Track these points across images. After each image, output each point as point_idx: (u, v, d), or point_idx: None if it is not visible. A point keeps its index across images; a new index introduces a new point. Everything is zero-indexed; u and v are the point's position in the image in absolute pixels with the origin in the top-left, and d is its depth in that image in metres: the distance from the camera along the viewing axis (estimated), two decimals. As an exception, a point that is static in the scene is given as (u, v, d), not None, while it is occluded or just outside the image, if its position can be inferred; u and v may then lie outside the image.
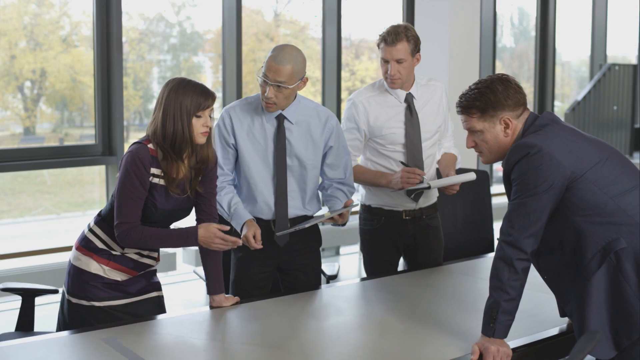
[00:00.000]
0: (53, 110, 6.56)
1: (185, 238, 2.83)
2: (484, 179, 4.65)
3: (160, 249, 3.02)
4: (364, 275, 3.92)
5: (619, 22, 10.08)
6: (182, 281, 6.40)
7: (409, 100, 3.65)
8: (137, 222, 2.81)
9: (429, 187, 3.51)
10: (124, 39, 5.53)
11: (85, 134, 6.11)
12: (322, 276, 3.67)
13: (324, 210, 3.46)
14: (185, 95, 2.78)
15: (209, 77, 7.34)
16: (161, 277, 6.15)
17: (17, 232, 8.43)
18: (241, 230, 3.16)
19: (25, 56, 5.87)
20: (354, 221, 4.94)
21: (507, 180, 2.62)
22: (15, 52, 5.80)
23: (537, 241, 2.53)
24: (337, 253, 7.83)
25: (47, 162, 5.50)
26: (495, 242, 4.73)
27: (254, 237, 3.10)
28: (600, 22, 9.78)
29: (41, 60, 5.97)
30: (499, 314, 2.51)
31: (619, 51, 10.73)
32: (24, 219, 8.95)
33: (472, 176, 3.58)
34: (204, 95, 2.81)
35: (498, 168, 8.61)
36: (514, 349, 2.57)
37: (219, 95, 6.40)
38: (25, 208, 9.03)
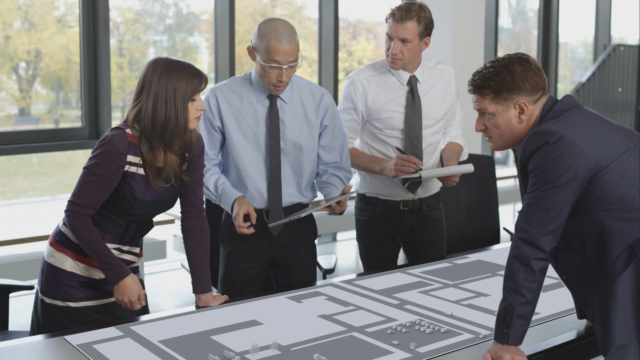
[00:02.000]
0: (48, 91, 6.67)
1: (110, 271, 2.61)
2: (488, 164, 4.44)
3: (144, 242, 2.83)
4: (362, 265, 3.74)
5: (621, 3, 9.91)
6: (172, 269, 6.21)
7: (412, 83, 3.42)
8: (90, 210, 2.59)
9: (420, 177, 3.27)
10: (119, 20, 5.46)
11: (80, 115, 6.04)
12: (318, 269, 3.46)
13: (320, 198, 3.24)
14: (179, 79, 2.55)
15: (205, 58, 7.37)
16: (150, 265, 6.14)
17: (8, 216, 8.32)
18: (232, 211, 2.96)
19: (20, 37, 5.87)
20: (351, 206, 4.76)
21: (523, 171, 2.39)
22: (9, 33, 5.79)
23: (557, 239, 2.31)
24: (334, 239, 7.68)
25: (32, 145, 5.42)
26: (502, 232, 4.62)
27: (248, 216, 2.92)
28: (605, 2, 9.60)
29: (36, 41, 5.98)
30: (513, 319, 2.29)
31: (620, 32, 10.60)
32: (18, 201, 8.87)
33: (469, 168, 3.36)
34: (199, 77, 2.60)
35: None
36: (529, 357, 2.34)
37: (211, 77, 6.39)
38: (20, 190, 8.96)
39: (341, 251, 7.30)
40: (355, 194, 3.12)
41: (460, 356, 2.36)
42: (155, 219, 2.83)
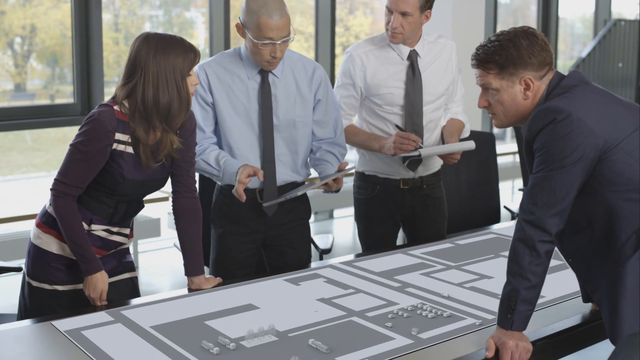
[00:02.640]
0: (44, 66, 6.61)
1: (82, 263, 2.51)
2: (489, 141, 4.35)
3: (137, 220, 2.70)
4: (360, 244, 3.64)
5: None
6: (166, 247, 6.12)
7: (412, 57, 3.30)
8: (77, 189, 2.49)
9: (420, 156, 3.18)
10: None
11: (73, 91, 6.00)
12: (314, 250, 3.38)
13: (315, 175, 3.15)
14: (175, 55, 2.45)
15: (201, 33, 7.29)
16: (144, 243, 6.06)
17: (3, 193, 8.27)
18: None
19: (15, 12, 5.82)
20: (348, 183, 4.68)
21: (528, 149, 2.30)
22: (4, 8, 5.72)
23: (563, 221, 2.22)
24: (331, 217, 7.61)
25: (25, 122, 5.37)
26: (502, 211, 4.54)
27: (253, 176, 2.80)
28: (606, -24, 9.50)
29: (31, 16, 5.93)
30: (517, 304, 2.20)
31: (618, 8, 10.51)
32: (14, 177, 8.82)
33: (470, 145, 3.26)
34: (193, 51, 2.50)
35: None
36: (533, 342, 2.26)
37: (206, 52, 6.31)
38: (16, 166, 8.92)
39: (338, 229, 7.22)
40: (353, 170, 3.03)
41: (462, 342, 2.27)
42: (149, 196, 2.73)
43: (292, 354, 2.11)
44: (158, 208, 5.54)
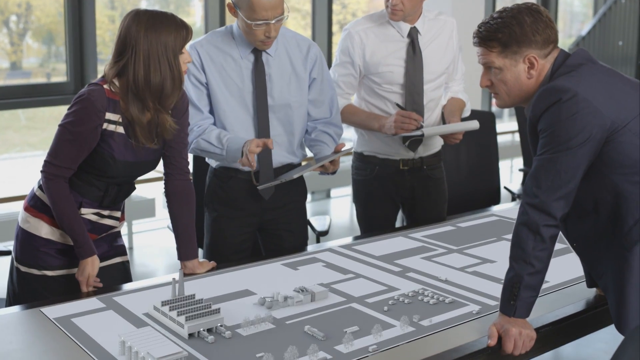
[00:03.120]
0: (40, 44, 6.58)
1: (75, 245, 2.45)
2: (489, 120, 4.28)
3: (132, 200, 2.63)
4: (357, 226, 3.58)
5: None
6: (161, 228, 6.06)
7: (412, 35, 3.22)
8: (67, 171, 2.41)
9: (422, 135, 3.10)
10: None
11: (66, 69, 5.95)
12: (311, 232, 3.31)
13: (312, 156, 3.06)
14: (167, 33, 2.36)
15: (198, 10, 7.25)
16: (138, 224, 5.98)
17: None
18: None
19: None
20: (346, 162, 4.60)
21: (532, 130, 2.22)
22: None
23: (569, 204, 2.15)
24: (328, 196, 7.54)
25: (18, 101, 5.31)
26: (502, 191, 4.47)
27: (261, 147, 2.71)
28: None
29: None
30: (521, 290, 2.13)
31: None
32: (10, 155, 8.78)
33: (474, 125, 3.19)
34: (185, 27, 2.41)
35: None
36: (536, 329, 2.19)
37: (201, 30, 6.25)
38: (11, 144, 8.87)
39: (335, 210, 7.15)
40: (351, 150, 2.94)
41: (464, 330, 2.20)
42: (144, 176, 2.65)
43: (289, 342, 2.03)
44: (153, 188, 5.46)
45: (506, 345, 2.12)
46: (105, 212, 2.53)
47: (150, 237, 6.04)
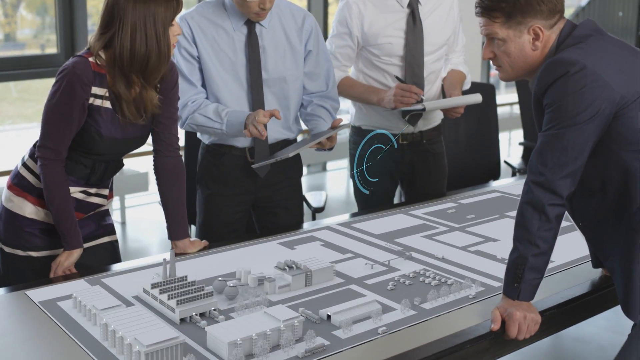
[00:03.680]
0: (34, 15, 6.52)
1: (61, 236, 2.35)
2: (489, 93, 4.18)
3: (124, 174, 2.53)
4: (354, 201, 3.50)
5: None
6: (154, 202, 5.97)
7: (413, 5, 3.11)
8: (62, 153, 2.32)
9: (424, 109, 3.00)
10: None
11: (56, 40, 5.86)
12: (306, 208, 3.23)
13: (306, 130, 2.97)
14: (156, 3, 2.24)
15: None
16: (131, 198, 5.89)
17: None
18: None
19: None
20: (342, 135, 4.51)
21: (537, 105, 2.12)
22: None
23: (575, 182, 2.06)
24: (324, 169, 7.46)
25: (9, 73, 5.27)
26: (503, 166, 4.38)
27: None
28: None
29: None
30: (525, 272, 2.04)
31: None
32: (3, 128, 8.74)
33: (477, 98, 3.09)
34: None
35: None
36: (541, 312, 2.11)
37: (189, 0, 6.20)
38: (6, 116, 8.81)
39: (331, 183, 7.06)
40: (348, 126, 2.85)
41: (466, 313, 2.12)
42: (137, 150, 2.56)
43: (280, 325, 1.94)
44: (145, 162, 5.36)
45: (510, 329, 2.04)
46: (92, 190, 2.44)
47: (143, 211, 5.96)
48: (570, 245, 2.60)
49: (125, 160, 2.61)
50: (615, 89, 2.00)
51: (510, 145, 8.44)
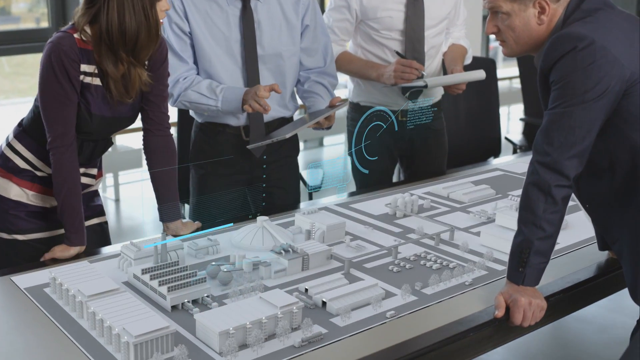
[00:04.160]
0: None
1: (67, 231, 2.25)
2: (490, 67, 4.08)
3: (117, 150, 2.44)
4: (352, 179, 3.39)
5: None
6: (149, 179, 5.86)
7: (413, -23, 3.00)
8: (72, 136, 2.21)
9: (426, 86, 2.91)
10: None
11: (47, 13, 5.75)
12: (302, 186, 3.15)
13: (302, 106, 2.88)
14: None
15: None
16: (125, 174, 5.80)
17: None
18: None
19: None
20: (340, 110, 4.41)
21: (543, 82, 2.03)
22: None
23: (583, 163, 1.97)
24: (321, 144, 7.37)
25: (2, 48, 5.20)
26: (504, 142, 4.29)
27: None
28: None
29: None
30: (530, 256, 1.96)
31: None
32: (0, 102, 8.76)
33: (480, 74, 3.00)
34: None
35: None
36: (546, 298, 2.03)
37: None
38: (2, 91, 8.78)
39: (328, 159, 6.98)
40: (346, 104, 2.77)
41: (469, 298, 2.04)
42: (130, 126, 2.46)
43: (277, 312, 1.86)
44: (139, 138, 5.28)
45: (515, 316, 1.96)
46: (81, 170, 2.35)
47: (137, 188, 5.87)
48: (575, 227, 2.52)
49: (119, 137, 2.54)
50: (625, 65, 1.92)
51: (510, 120, 8.35)
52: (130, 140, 5.39)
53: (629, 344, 2.08)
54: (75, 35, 2.16)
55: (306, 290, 1.99)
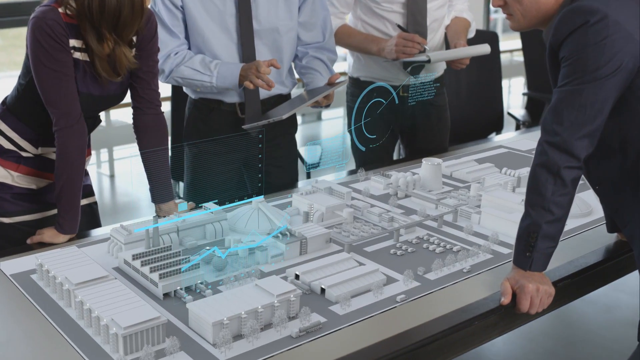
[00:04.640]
0: None
1: (62, 217, 2.15)
2: (492, 41, 3.98)
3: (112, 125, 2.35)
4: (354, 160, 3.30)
5: None
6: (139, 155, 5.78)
7: (415, -53, 2.89)
8: (74, 111, 2.11)
9: (429, 61, 2.81)
10: None
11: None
12: (300, 163, 3.06)
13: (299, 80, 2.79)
14: None
15: None
16: (120, 149, 5.71)
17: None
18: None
19: None
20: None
21: (553, 58, 1.94)
22: None
23: (594, 143, 1.88)
24: (319, 118, 7.27)
25: None
26: (506, 117, 4.20)
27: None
28: None
29: None
30: (538, 240, 1.88)
31: None
32: None
33: (485, 49, 2.91)
34: None
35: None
36: (554, 283, 1.95)
37: None
38: None
39: (327, 134, 6.88)
40: (345, 83, 2.68)
41: (474, 284, 1.96)
42: (126, 100, 2.36)
43: (274, 301, 1.78)
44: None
45: (522, 303, 1.88)
46: (69, 149, 2.25)
47: (132, 164, 5.78)
48: (584, 207, 2.44)
49: (113, 112, 2.44)
50: (639, 40, 1.81)
51: (510, 94, 8.24)
52: (124, 115, 5.30)
53: (638, 346, 2.01)
54: (60, 10, 2.05)
55: (297, 276, 1.91)
